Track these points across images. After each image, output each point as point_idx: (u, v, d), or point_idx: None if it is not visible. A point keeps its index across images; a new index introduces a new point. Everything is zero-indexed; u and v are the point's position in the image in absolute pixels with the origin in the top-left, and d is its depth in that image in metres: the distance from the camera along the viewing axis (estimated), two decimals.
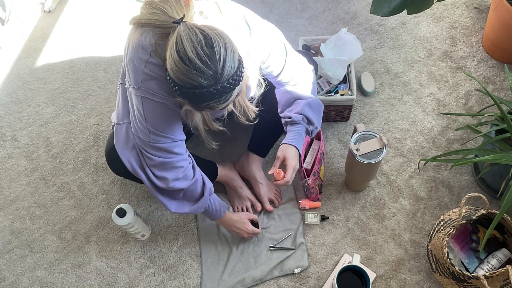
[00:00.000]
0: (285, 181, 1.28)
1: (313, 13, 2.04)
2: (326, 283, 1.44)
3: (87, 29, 2.14)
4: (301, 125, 1.32)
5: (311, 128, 1.35)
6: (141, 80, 1.10)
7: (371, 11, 1.46)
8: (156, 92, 1.11)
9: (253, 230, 1.47)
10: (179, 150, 1.22)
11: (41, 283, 1.54)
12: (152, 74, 1.09)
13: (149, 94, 1.11)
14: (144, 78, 1.09)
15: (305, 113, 1.31)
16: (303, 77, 1.36)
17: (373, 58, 1.87)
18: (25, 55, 2.09)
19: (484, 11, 1.94)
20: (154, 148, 1.19)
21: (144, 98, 1.12)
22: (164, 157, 1.20)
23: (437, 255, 1.34)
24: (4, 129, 1.88)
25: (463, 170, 1.59)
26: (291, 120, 1.32)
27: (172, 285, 1.49)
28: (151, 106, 1.13)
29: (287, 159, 1.29)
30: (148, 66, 1.08)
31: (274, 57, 1.26)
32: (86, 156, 1.77)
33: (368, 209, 1.55)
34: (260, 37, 1.21)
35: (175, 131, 1.19)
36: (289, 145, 1.31)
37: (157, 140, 1.17)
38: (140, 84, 1.10)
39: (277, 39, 1.27)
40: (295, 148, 1.31)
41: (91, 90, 1.94)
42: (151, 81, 1.09)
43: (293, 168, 1.29)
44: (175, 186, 1.24)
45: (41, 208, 1.68)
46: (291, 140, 1.31)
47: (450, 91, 1.76)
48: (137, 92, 1.12)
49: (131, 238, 1.58)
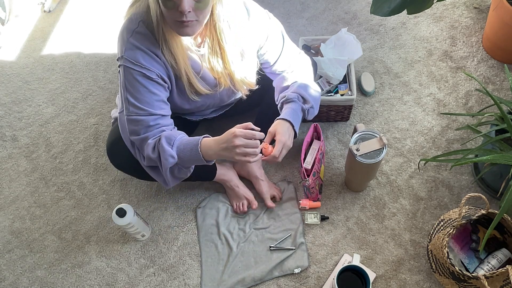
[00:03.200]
0: (272, 156, 1.20)
1: (313, 13, 2.04)
2: (326, 283, 1.44)
3: (87, 29, 2.15)
4: (295, 103, 1.29)
5: (306, 107, 1.31)
6: (124, 49, 1.12)
7: (371, 11, 1.46)
8: (137, 61, 1.12)
9: (246, 143, 1.11)
10: (157, 123, 1.20)
11: (41, 283, 1.54)
12: (137, 43, 1.11)
13: (131, 63, 1.13)
14: (128, 47, 1.12)
15: (300, 92, 1.30)
16: (300, 65, 1.36)
17: (373, 58, 1.87)
18: (25, 55, 2.09)
19: (484, 11, 1.94)
20: (133, 121, 1.18)
21: (126, 67, 1.13)
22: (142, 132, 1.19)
23: (437, 255, 1.34)
24: (4, 129, 1.88)
25: (463, 170, 1.59)
26: (285, 99, 1.30)
27: (172, 285, 1.49)
28: (131, 76, 1.14)
29: (277, 133, 1.23)
30: (135, 35, 1.11)
31: (271, 43, 1.28)
32: (86, 156, 1.77)
33: (368, 209, 1.55)
34: (258, 20, 1.24)
35: (154, 104, 1.18)
36: (282, 120, 1.26)
37: (134, 112, 1.17)
38: (123, 53, 1.13)
39: (274, 26, 1.30)
40: (288, 123, 1.26)
41: (91, 90, 1.94)
42: (135, 51, 1.12)
43: (282, 143, 1.21)
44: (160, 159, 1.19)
45: (41, 208, 1.68)
46: (285, 115, 1.27)
47: (450, 91, 1.76)
48: (120, 61, 1.14)
49: (131, 238, 1.58)
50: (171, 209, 1.62)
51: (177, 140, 1.19)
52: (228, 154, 1.14)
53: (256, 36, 1.25)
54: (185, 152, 1.18)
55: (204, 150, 1.17)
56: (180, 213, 1.61)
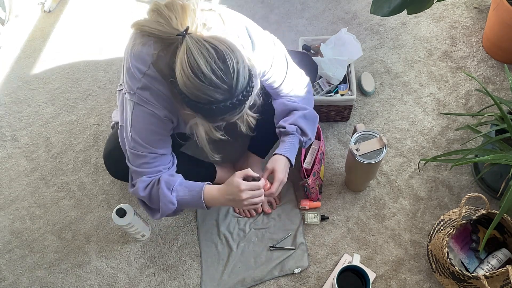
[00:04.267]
0: (270, 193, 1.25)
1: (313, 13, 2.04)
2: (326, 283, 1.44)
3: (87, 29, 2.14)
4: (294, 136, 1.31)
5: (304, 139, 1.34)
6: (137, 87, 1.11)
7: (371, 11, 1.46)
8: (149, 100, 1.11)
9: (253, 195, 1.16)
10: (159, 163, 1.21)
11: (41, 283, 1.54)
12: (149, 84, 1.09)
13: (143, 101, 1.11)
14: (141, 86, 1.10)
15: (299, 124, 1.31)
16: (301, 89, 1.36)
17: (373, 58, 1.87)
18: (25, 55, 2.09)
19: (484, 11, 1.94)
20: (134, 155, 1.19)
21: (137, 104, 1.12)
22: (142, 167, 1.20)
23: (437, 255, 1.34)
24: (4, 129, 1.88)
25: (463, 170, 1.59)
26: (285, 131, 1.32)
27: (172, 285, 1.49)
28: (141, 113, 1.13)
29: (275, 171, 1.27)
30: (146, 77, 1.09)
31: (276, 69, 1.27)
32: (86, 156, 1.77)
33: (368, 209, 1.55)
34: (262, 49, 1.21)
35: (158, 144, 1.19)
36: (280, 156, 1.29)
37: (136, 148, 1.17)
38: (135, 90, 1.11)
39: (278, 52, 1.27)
40: (286, 159, 1.30)
41: (91, 90, 1.94)
42: (146, 91, 1.10)
43: (280, 181, 1.27)
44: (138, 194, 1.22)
45: (41, 208, 1.68)
46: (284, 151, 1.30)
47: (450, 91, 1.76)
48: (132, 97, 1.13)
49: (131, 238, 1.58)
50: None
51: (177, 186, 1.21)
52: (236, 205, 1.20)
53: (260, 65, 1.22)
54: (186, 199, 1.22)
55: (207, 199, 1.21)
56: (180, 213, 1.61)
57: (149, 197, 1.23)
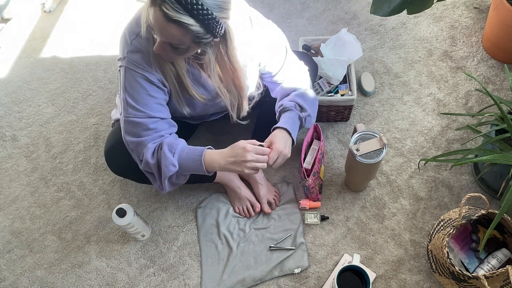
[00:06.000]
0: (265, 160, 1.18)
1: (313, 13, 2.04)
2: (326, 283, 1.44)
3: (87, 29, 2.15)
4: (292, 111, 1.29)
5: (303, 115, 1.30)
6: (127, 51, 1.12)
7: (371, 11, 1.46)
8: (139, 63, 1.12)
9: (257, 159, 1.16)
10: (156, 126, 1.19)
11: (41, 283, 1.54)
12: (140, 47, 1.11)
13: (132, 65, 1.12)
14: (131, 49, 1.11)
15: (296, 100, 1.29)
16: (300, 76, 1.36)
17: (373, 58, 1.87)
18: (25, 55, 2.09)
19: (484, 11, 1.94)
20: (131, 123, 1.18)
21: (127, 68, 1.13)
22: (141, 135, 1.18)
23: (437, 255, 1.34)
24: (4, 129, 1.88)
25: (463, 170, 1.59)
26: (283, 107, 1.30)
27: (172, 285, 1.49)
28: (132, 77, 1.14)
29: (273, 142, 1.22)
30: (138, 38, 1.10)
31: (274, 54, 1.27)
32: (86, 156, 1.77)
33: (368, 209, 1.55)
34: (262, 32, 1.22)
35: (153, 107, 1.18)
36: (280, 129, 1.25)
37: (133, 114, 1.17)
38: (125, 54, 1.12)
39: (278, 37, 1.29)
40: (285, 131, 1.25)
41: (91, 90, 1.94)
42: (137, 53, 1.11)
43: (278, 151, 1.19)
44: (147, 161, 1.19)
45: (41, 208, 1.68)
46: (282, 124, 1.26)
47: (450, 91, 1.76)
48: (122, 62, 1.14)
49: (131, 238, 1.58)
50: (171, 209, 1.62)
51: (179, 149, 1.19)
52: (237, 168, 1.16)
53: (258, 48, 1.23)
54: (187, 162, 1.20)
55: (208, 162, 1.19)
56: (180, 213, 1.61)
57: (157, 165, 1.20)
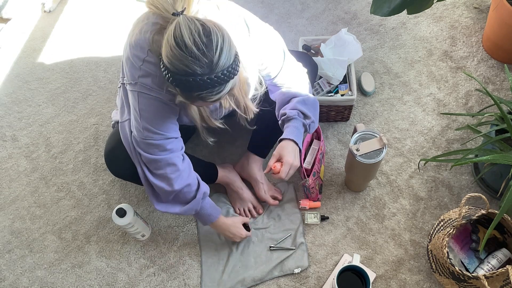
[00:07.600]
0: (279, 177, 1.25)
1: (313, 13, 2.04)
2: (326, 283, 1.44)
3: (87, 29, 2.15)
4: (297, 120, 1.30)
5: (307, 122, 1.32)
6: (138, 76, 1.12)
7: (371, 11, 1.46)
8: (152, 87, 1.12)
9: (246, 234, 1.47)
10: (172, 146, 1.22)
11: (41, 283, 1.54)
12: (149, 71, 1.10)
13: (145, 89, 1.12)
14: (141, 73, 1.11)
15: (299, 108, 1.30)
16: (299, 79, 1.36)
17: (373, 58, 1.87)
18: (25, 55, 2.09)
19: (484, 11, 1.94)
20: (147, 145, 1.19)
21: (140, 93, 1.13)
22: (156, 154, 1.20)
23: (437, 255, 1.34)
24: (4, 129, 1.88)
25: (463, 170, 1.59)
26: (286, 117, 1.31)
27: (172, 285, 1.49)
28: (146, 101, 1.14)
29: (282, 156, 1.25)
30: (145, 64, 1.10)
31: (272, 59, 1.27)
32: (86, 156, 1.77)
33: (368, 209, 1.55)
34: (259, 37, 1.22)
35: (169, 128, 1.20)
36: (286, 140, 1.27)
37: (149, 136, 1.18)
38: (137, 79, 1.12)
39: (275, 41, 1.29)
40: (292, 143, 1.27)
41: (91, 90, 1.94)
42: (148, 78, 1.11)
43: (289, 164, 1.24)
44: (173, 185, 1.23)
45: (41, 208, 1.68)
46: (289, 134, 1.28)
47: (450, 91, 1.76)
48: (134, 87, 1.14)
49: (131, 238, 1.58)
50: None
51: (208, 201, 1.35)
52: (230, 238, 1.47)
53: (257, 53, 1.23)
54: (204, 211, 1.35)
55: (213, 225, 1.41)
56: None
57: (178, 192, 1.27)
